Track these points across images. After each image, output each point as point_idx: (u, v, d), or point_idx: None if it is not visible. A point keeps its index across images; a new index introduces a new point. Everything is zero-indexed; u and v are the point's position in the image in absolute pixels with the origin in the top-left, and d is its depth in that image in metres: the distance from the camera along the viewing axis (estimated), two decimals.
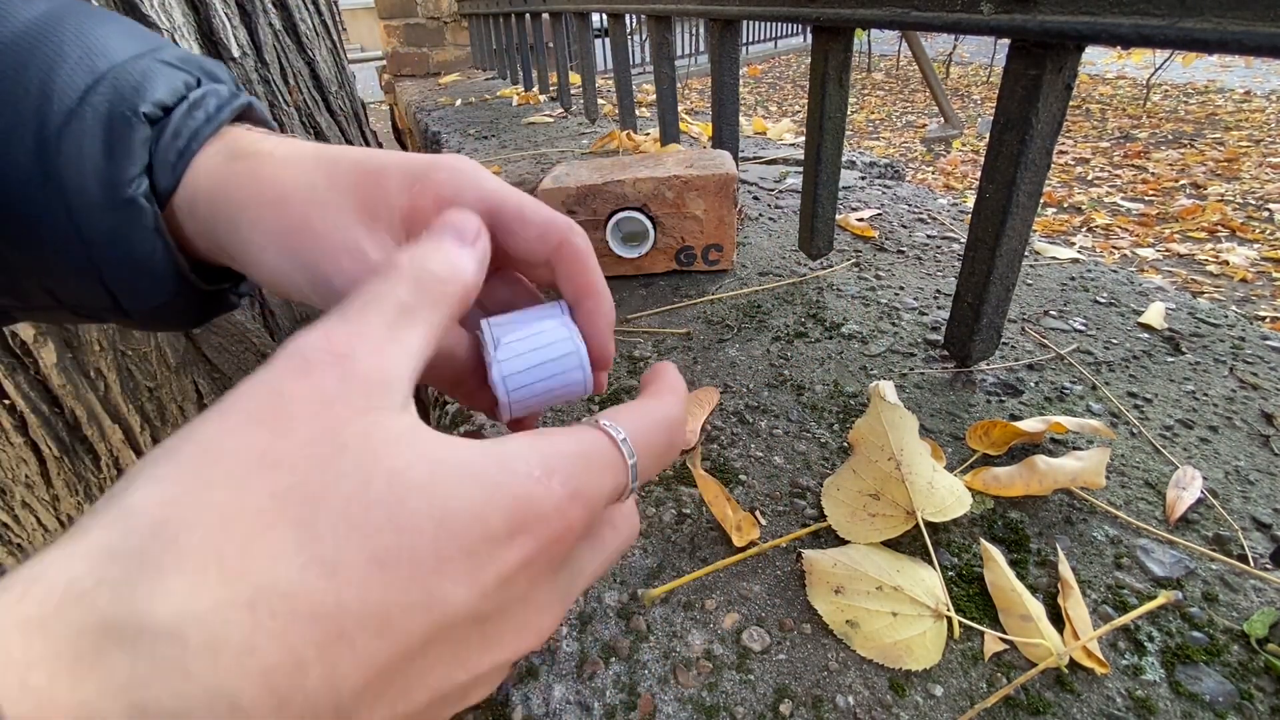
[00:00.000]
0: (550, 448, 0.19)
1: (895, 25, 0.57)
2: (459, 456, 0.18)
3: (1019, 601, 0.39)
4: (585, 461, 0.20)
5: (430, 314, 0.21)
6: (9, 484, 0.77)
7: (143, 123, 0.24)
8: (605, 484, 0.20)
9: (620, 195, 0.77)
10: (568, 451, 0.20)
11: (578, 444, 0.20)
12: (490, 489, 0.17)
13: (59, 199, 0.23)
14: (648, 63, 5.46)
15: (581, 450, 0.20)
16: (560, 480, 0.19)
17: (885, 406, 0.46)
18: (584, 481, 0.19)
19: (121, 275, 0.25)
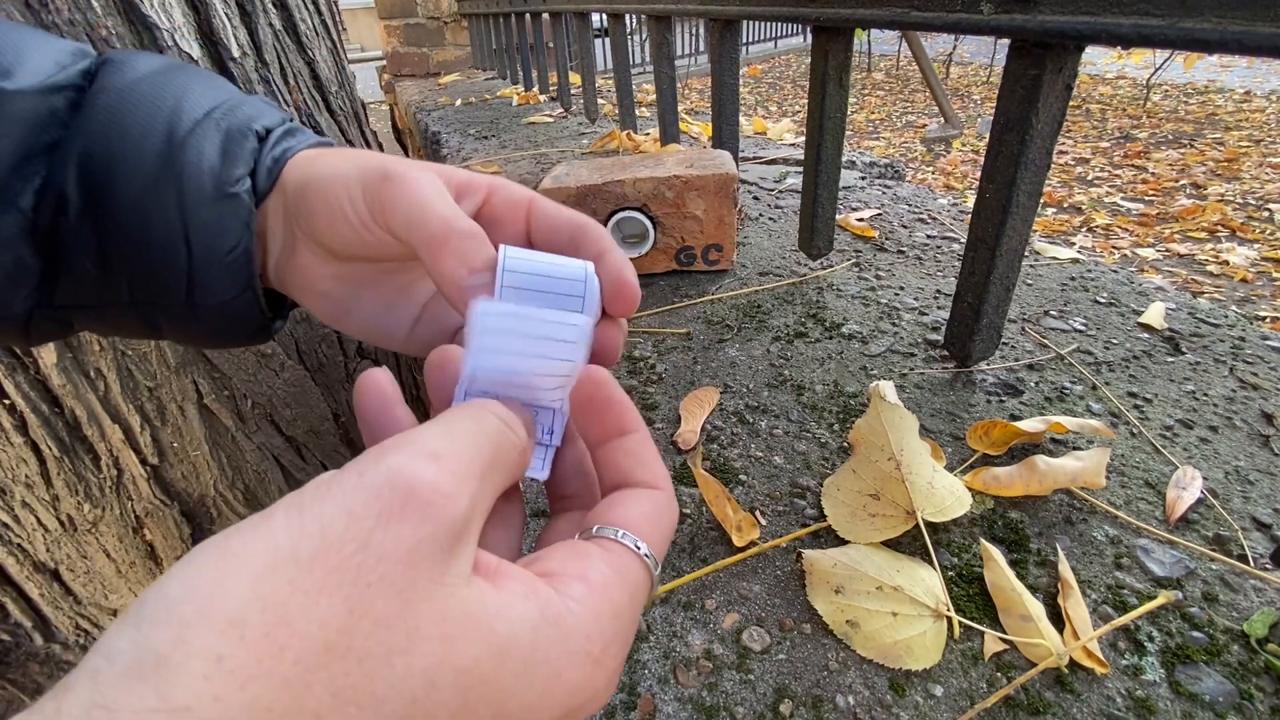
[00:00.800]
0: (608, 606, 0.19)
1: (895, 25, 0.57)
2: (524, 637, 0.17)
3: (1019, 601, 0.39)
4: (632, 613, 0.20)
5: (504, 480, 0.20)
6: (9, 484, 0.77)
7: (253, 136, 0.29)
8: (638, 621, 0.20)
9: (620, 195, 0.77)
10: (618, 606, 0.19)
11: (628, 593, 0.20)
12: (550, 679, 0.17)
13: (173, 189, 0.27)
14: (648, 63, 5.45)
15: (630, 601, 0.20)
16: (612, 656, 0.18)
17: (885, 406, 0.46)
18: (630, 636, 0.20)
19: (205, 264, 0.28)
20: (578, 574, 0.19)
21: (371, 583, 0.15)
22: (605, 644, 0.18)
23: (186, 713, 0.13)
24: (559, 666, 0.17)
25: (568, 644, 0.17)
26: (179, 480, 0.87)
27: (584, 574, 0.19)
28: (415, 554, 0.16)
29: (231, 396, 0.86)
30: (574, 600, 0.18)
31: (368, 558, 0.15)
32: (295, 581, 0.14)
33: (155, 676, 0.13)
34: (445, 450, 0.18)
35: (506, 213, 0.29)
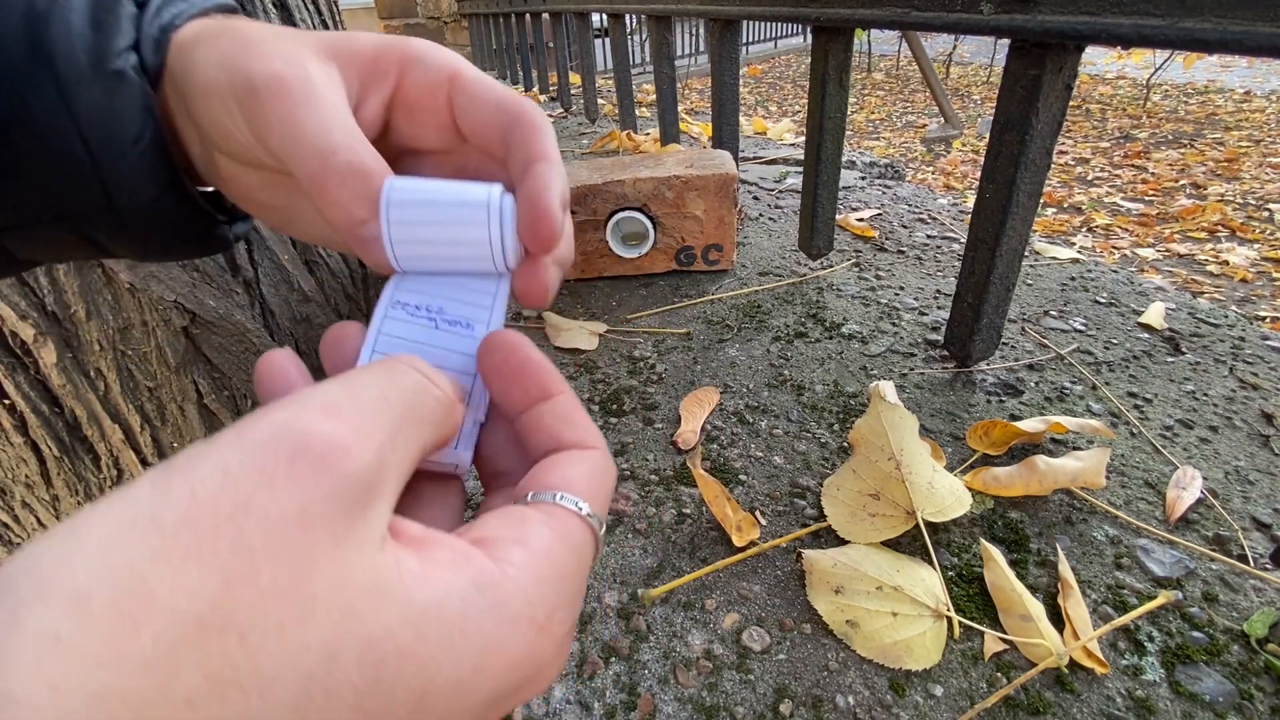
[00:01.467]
0: (550, 569, 0.17)
1: (895, 25, 0.57)
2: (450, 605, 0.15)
3: (1019, 601, 0.39)
4: (579, 577, 0.18)
5: (425, 431, 0.18)
6: (9, 484, 0.77)
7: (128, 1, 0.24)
8: (584, 584, 0.19)
9: (620, 195, 0.77)
10: (563, 568, 0.17)
11: (573, 554, 0.18)
12: (485, 652, 0.15)
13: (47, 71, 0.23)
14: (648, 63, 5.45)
15: (576, 562, 0.18)
16: (559, 622, 0.16)
17: (885, 406, 0.46)
18: (578, 601, 0.18)
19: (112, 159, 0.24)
20: (516, 539, 0.17)
21: (254, 549, 0.13)
22: (550, 610, 0.16)
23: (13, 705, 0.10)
24: (496, 637, 0.15)
25: (505, 611, 0.15)
26: None
27: (523, 538, 0.17)
28: (307, 515, 0.13)
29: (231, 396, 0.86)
30: (512, 565, 0.16)
31: (248, 521, 0.13)
32: (157, 550, 0.12)
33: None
34: (343, 402, 0.16)
35: (424, 99, 0.25)
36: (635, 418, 0.60)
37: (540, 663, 0.16)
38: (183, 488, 0.13)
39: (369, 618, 0.13)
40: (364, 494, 0.15)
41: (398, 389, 0.17)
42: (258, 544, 0.13)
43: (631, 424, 0.59)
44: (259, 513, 0.13)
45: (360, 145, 0.21)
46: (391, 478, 0.16)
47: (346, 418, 0.15)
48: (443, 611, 0.14)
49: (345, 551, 0.14)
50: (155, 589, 0.12)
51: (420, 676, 0.14)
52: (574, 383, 0.65)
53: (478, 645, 0.15)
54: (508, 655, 0.15)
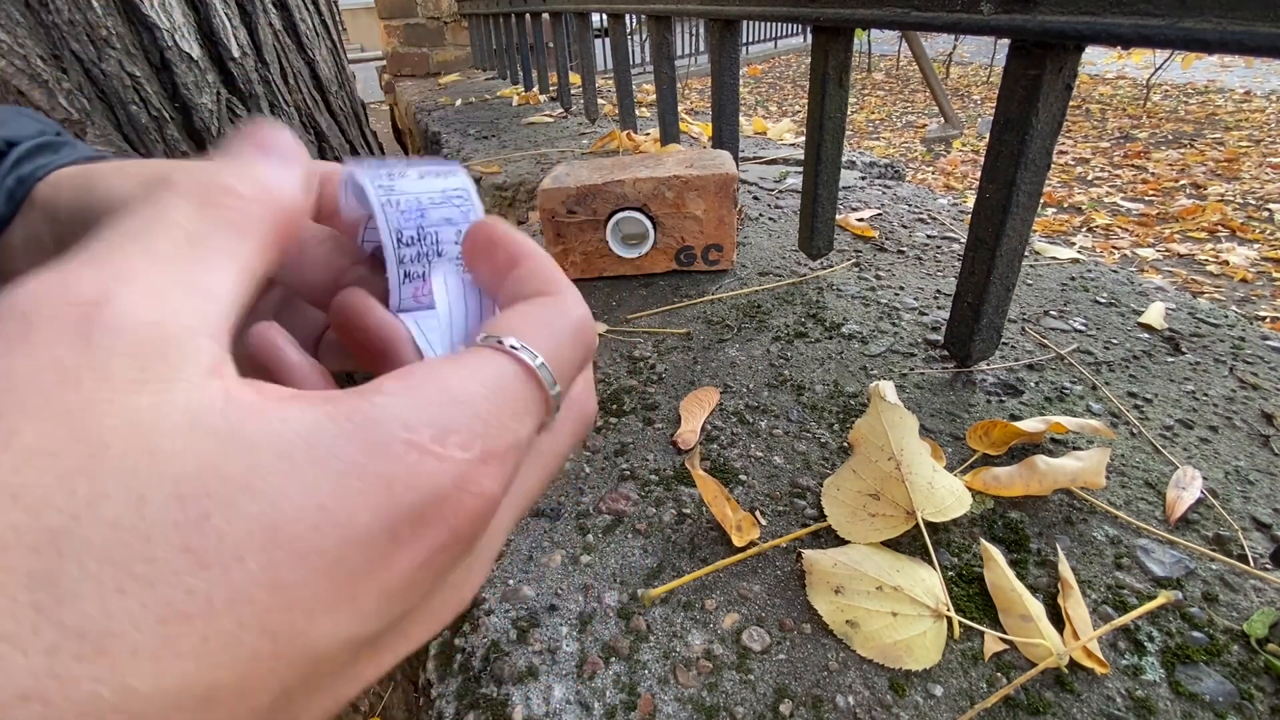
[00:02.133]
0: (439, 393, 0.14)
1: (895, 25, 0.57)
2: (294, 432, 0.12)
3: (1019, 601, 0.39)
4: (494, 407, 0.14)
5: (235, 242, 0.15)
6: None
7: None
8: (523, 429, 0.15)
9: (620, 195, 0.77)
10: (467, 395, 0.14)
11: (480, 381, 0.15)
12: (346, 475, 0.12)
13: None
14: (648, 63, 5.45)
15: (487, 390, 0.14)
16: (459, 443, 0.13)
17: (885, 406, 0.46)
18: (494, 435, 0.14)
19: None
20: (396, 375, 0.14)
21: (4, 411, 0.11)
22: (440, 430, 0.13)
23: None
24: (357, 459, 0.12)
25: (370, 433, 0.13)
26: None
27: (405, 374, 0.14)
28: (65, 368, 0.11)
29: None
30: (382, 395, 0.13)
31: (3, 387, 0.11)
32: None
33: None
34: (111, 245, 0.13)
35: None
36: (635, 418, 0.60)
37: (436, 488, 0.13)
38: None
39: (181, 454, 0.11)
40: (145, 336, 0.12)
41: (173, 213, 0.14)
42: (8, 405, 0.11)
43: (631, 424, 0.59)
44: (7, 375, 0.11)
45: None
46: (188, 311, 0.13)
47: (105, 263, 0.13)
48: (282, 441, 0.12)
49: (136, 394, 0.12)
50: None
51: (261, 506, 0.11)
52: None
53: (334, 469, 0.12)
54: (379, 479, 0.12)
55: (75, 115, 0.84)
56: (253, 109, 0.96)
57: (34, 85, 0.81)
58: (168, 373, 0.12)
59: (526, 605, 0.43)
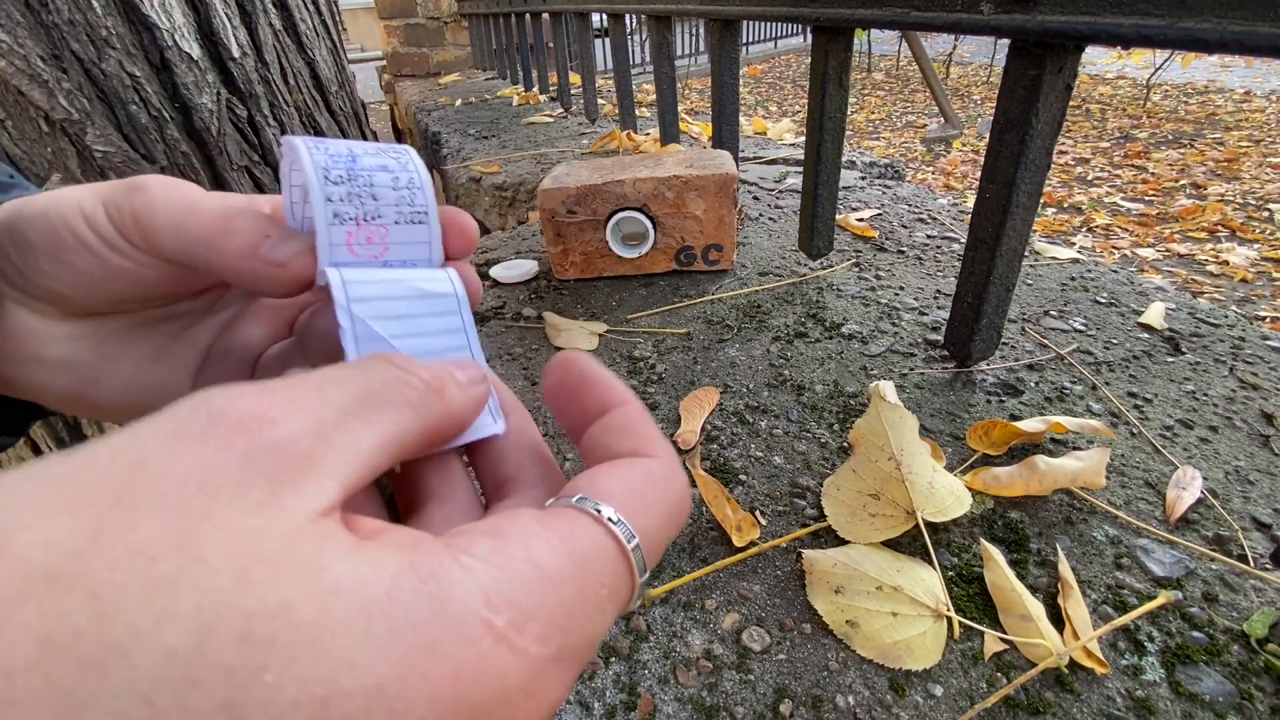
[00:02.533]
0: (527, 566, 0.13)
1: (895, 25, 0.57)
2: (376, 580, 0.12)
3: (1019, 601, 0.39)
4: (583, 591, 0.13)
5: (401, 420, 0.15)
6: None
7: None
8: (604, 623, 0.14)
9: (620, 195, 0.77)
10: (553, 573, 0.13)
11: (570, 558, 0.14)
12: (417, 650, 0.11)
13: None
14: (648, 63, 5.45)
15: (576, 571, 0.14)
16: (537, 635, 0.12)
17: (885, 406, 0.46)
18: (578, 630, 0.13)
19: None
20: (488, 530, 0.14)
21: (138, 503, 0.11)
22: (519, 615, 0.12)
23: None
24: (432, 634, 0.11)
25: (449, 604, 0.12)
26: None
27: (497, 530, 0.14)
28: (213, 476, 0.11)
29: None
30: (469, 555, 0.13)
31: (142, 476, 0.11)
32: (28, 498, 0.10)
33: None
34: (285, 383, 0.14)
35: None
36: None
37: (503, 687, 0.12)
38: (87, 449, 0.11)
39: (262, 585, 0.11)
40: (292, 463, 0.12)
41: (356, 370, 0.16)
42: (143, 499, 0.11)
43: None
44: (156, 469, 0.11)
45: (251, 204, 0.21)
46: (338, 454, 0.13)
47: (280, 393, 0.13)
48: (362, 590, 0.11)
49: (256, 519, 0.11)
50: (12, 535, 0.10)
51: (320, 670, 0.10)
52: None
53: (406, 642, 0.11)
54: (448, 664, 0.11)
55: (75, 115, 0.84)
56: (253, 109, 0.96)
57: (34, 85, 0.81)
58: (292, 503, 0.12)
59: None
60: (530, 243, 1.02)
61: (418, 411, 0.16)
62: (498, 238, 1.09)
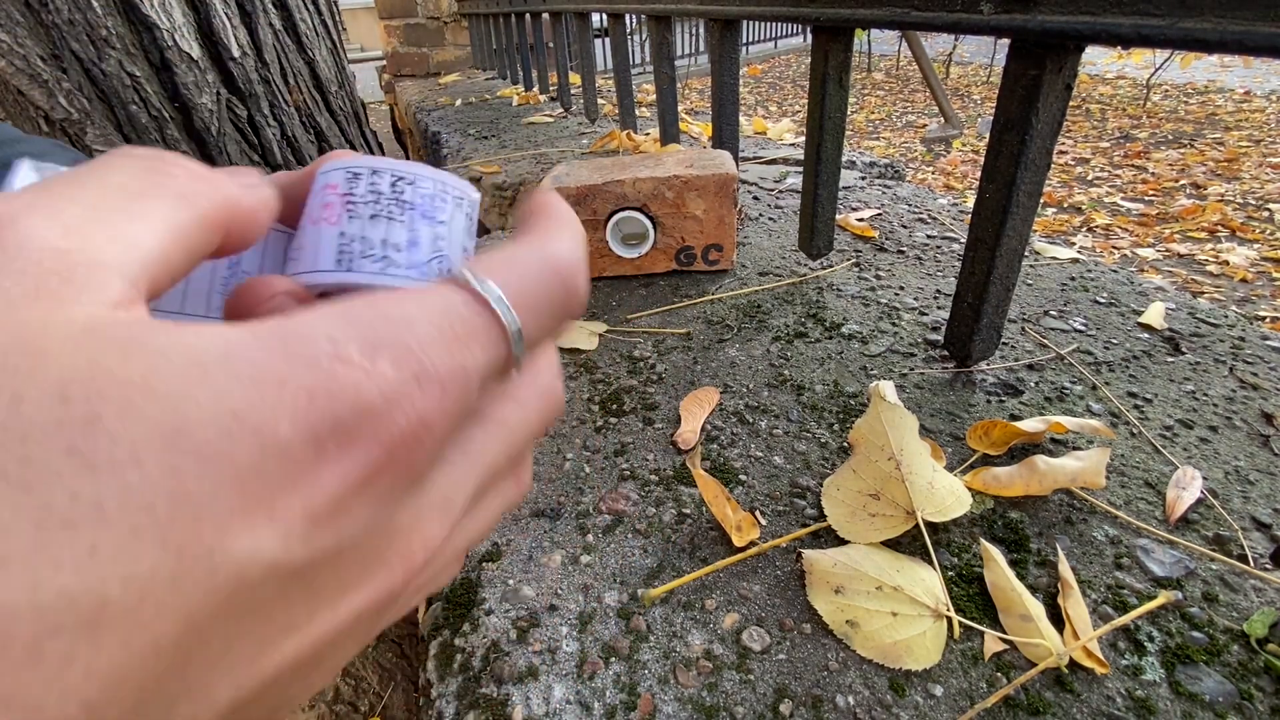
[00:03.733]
0: (372, 313, 0.13)
1: (895, 25, 0.57)
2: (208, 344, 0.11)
3: (1019, 601, 0.39)
4: (435, 330, 0.13)
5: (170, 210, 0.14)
6: None
7: None
8: (470, 359, 0.14)
9: (620, 195, 0.77)
10: (403, 315, 0.13)
11: (420, 305, 0.14)
12: (262, 384, 0.11)
13: None
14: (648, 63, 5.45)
15: (427, 313, 0.13)
16: (391, 359, 0.12)
17: (885, 406, 0.46)
18: (434, 357, 0.13)
19: None
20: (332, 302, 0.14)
21: None
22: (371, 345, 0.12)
23: None
24: (281, 369, 0.11)
25: (293, 346, 0.12)
26: None
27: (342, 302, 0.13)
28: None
29: None
30: (312, 314, 0.13)
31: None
32: None
33: None
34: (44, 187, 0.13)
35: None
36: (635, 418, 0.60)
37: (365, 402, 0.12)
38: None
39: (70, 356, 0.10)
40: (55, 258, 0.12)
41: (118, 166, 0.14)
42: None
43: (631, 424, 0.59)
44: None
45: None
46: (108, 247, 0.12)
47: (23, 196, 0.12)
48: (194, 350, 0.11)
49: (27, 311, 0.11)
50: None
51: (163, 410, 0.10)
52: (574, 382, 0.66)
53: (249, 376, 0.11)
54: (299, 386, 0.11)
55: (75, 115, 0.84)
56: (253, 109, 0.96)
57: (34, 85, 0.81)
58: (68, 294, 0.11)
59: (526, 605, 0.43)
60: None
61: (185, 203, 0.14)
62: (498, 238, 1.09)
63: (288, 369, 0.11)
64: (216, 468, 0.10)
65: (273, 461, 0.11)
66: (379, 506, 0.13)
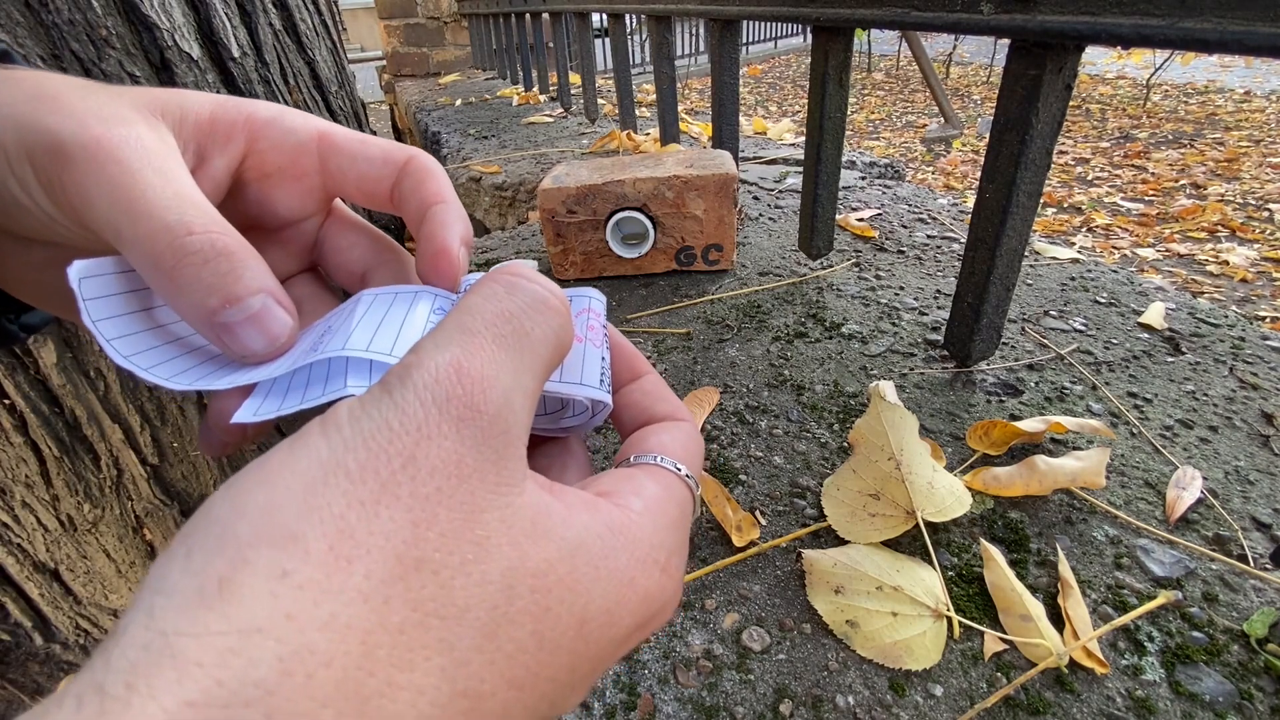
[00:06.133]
0: (664, 517, 0.19)
1: (895, 25, 0.57)
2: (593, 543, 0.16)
3: (1019, 601, 0.39)
4: (684, 528, 0.19)
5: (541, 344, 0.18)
6: (9, 484, 0.77)
7: None
8: (688, 536, 0.20)
9: (620, 195, 0.77)
10: (673, 518, 0.19)
11: (678, 507, 0.19)
12: (624, 586, 0.16)
13: None
14: (648, 63, 5.45)
15: (680, 515, 0.19)
16: (675, 566, 0.18)
17: (885, 406, 0.46)
18: (685, 551, 0.20)
19: None
20: (632, 490, 0.19)
21: (429, 495, 0.14)
22: (669, 552, 0.18)
23: (258, 634, 0.11)
24: (632, 573, 0.17)
25: (635, 551, 0.17)
26: (179, 480, 0.88)
27: (637, 490, 0.19)
28: (463, 465, 0.15)
29: None
30: (634, 512, 0.18)
31: (419, 470, 0.14)
32: (350, 494, 0.13)
33: (219, 601, 0.11)
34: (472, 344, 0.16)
35: (288, 165, 0.23)
36: None
37: (664, 601, 0.18)
38: (355, 438, 0.14)
39: (533, 553, 0.15)
40: (503, 438, 0.16)
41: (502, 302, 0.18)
42: (430, 491, 0.14)
43: None
44: (425, 465, 0.14)
45: (218, 222, 0.18)
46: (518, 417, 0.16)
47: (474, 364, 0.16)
48: (589, 549, 0.16)
49: (501, 496, 0.15)
50: (357, 529, 0.13)
51: (578, 605, 0.15)
52: None
53: (620, 580, 0.16)
54: (641, 590, 0.17)
55: None
56: None
57: None
58: (510, 478, 0.16)
59: None
60: (530, 243, 1.02)
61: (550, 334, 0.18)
62: (498, 238, 1.09)
63: (637, 574, 0.17)
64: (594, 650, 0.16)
65: (614, 646, 0.17)
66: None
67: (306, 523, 0.13)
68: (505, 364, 0.16)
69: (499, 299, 0.17)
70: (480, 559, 0.14)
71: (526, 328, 0.17)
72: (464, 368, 0.15)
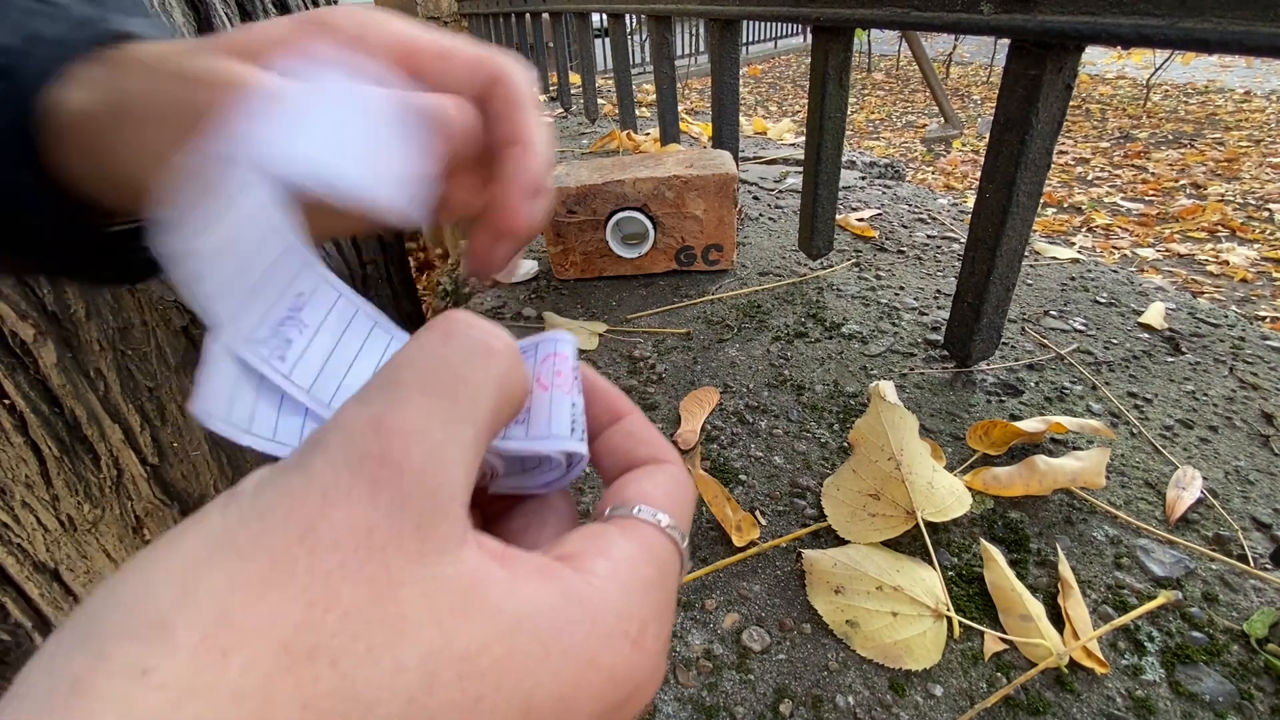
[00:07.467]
0: (635, 580, 0.16)
1: (895, 25, 0.57)
2: (542, 616, 0.14)
3: (1019, 601, 0.39)
4: (666, 590, 0.17)
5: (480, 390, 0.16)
6: (9, 484, 0.77)
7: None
8: (673, 598, 0.18)
9: (620, 195, 0.77)
10: (649, 581, 0.16)
11: (656, 567, 0.17)
12: (583, 666, 0.14)
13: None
14: (648, 63, 5.45)
15: (660, 575, 0.17)
16: (652, 636, 0.16)
17: (885, 406, 0.46)
18: (668, 621, 0.17)
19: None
20: (597, 551, 0.16)
21: (329, 571, 0.12)
22: (642, 623, 0.15)
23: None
24: (592, 650, 0.14)
25: (598, 624, 0.14)
26: (179, 480, 0.88)
27: (604, 551, 0.16)
28: (375, 534, 0.13)
29: None
30: (597, 577, 0.15)
31: (319, 543, 0.12)
32: (235, 573, 0.12)
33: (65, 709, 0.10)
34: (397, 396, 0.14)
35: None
36: None
37: (638, 681, 0.15)
38: (251, 511, 0.13)
39: (462, 632, 0.13)
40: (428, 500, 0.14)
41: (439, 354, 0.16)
42: (331, 567, 0.12)
43: None
44: (328, 536, 0.13)
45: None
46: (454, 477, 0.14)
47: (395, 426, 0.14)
48: (535, 623, 0.14)
49: (425, 565, 0.13)
50: (237, 615, 0.11)
51: (520, 692, 0.13)
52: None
53: (576, 659, 0.14)
54: (605, 670, 0.14)
55: None
56: None
57: None
58: (439, 545, 0.14)
59: None
60: (530, 243, 1.02)
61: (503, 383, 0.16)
62: None
63: (598, 650, 0.14)
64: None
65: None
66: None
67: (179, 609, 0.11)
68: (436, 414, 0.14)
69: (433, 347, 0.16)
70: (393, 643, 0.12)
71: (463, 374, 0.15)
72: (384, 422, 0.14)
